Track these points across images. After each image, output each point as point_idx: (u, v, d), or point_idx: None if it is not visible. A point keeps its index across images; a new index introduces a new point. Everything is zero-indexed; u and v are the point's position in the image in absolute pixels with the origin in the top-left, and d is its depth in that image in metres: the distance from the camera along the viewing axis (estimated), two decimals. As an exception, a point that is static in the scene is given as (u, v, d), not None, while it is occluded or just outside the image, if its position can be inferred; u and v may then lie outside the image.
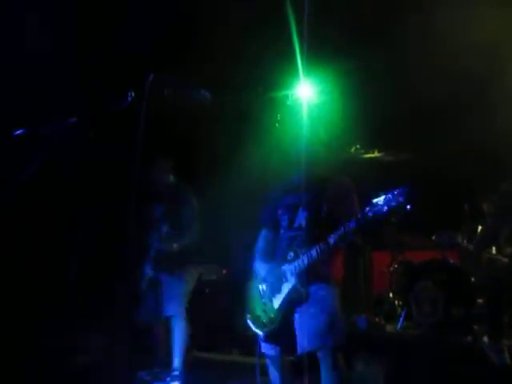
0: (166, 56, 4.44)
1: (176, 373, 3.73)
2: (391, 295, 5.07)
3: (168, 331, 3.84)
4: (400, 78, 4.70)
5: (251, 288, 2.89)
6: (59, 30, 4.14)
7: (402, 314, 4.68)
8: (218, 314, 5.00)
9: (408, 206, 2.33)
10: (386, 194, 2.37)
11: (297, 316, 2.64)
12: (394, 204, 2.33)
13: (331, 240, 2.52)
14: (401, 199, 2.32)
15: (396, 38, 4.35)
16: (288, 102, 4.16)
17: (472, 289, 4.47)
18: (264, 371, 2.87)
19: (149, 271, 3.94)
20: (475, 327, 4.25)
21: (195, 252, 3.96)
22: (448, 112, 4.94)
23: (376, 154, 5.03)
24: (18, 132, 2.22)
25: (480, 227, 4.67)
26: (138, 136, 2.30)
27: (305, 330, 2.57)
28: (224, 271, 5.39)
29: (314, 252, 2.58)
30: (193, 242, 3.89)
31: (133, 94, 2.37)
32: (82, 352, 4.03)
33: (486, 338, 3.37)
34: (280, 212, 2.89)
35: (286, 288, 2.68)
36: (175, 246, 3.85)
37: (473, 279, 4.56)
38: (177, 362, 3.77)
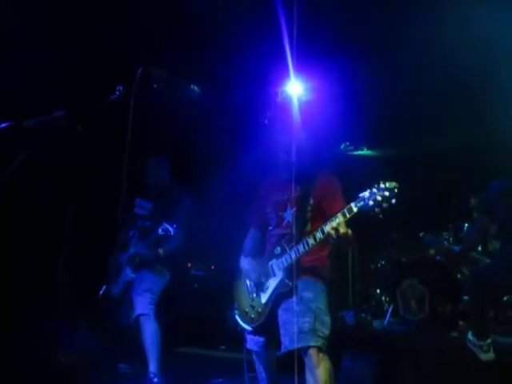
0: (156, 51, 4.41)
1: (155, 380, 3.55)
2: (378, 291, 5.11)
3: (138, 333, 3.64)
4: (390, 75, 4.72)
5: (238, 284, 2.90)
6: (48, 23, 4.09)
7: (389, 311, 4.72)
8: (207, 310, 5.01)
9: (393, 200, 2.34)
10: (371, 189, 2.39)
11: (281, 313, 2.65)
12: (379, 198, 2.35)
13: (318, 235, 2.54)
14: (386, 193, 2.35)
15: (387, 34, 4.36)
16: (278, 99, 4.15)
17: (458, 286, 4.52)
18: (252, 367, 2.89)
19: (129, 274, 3.79)
20: (461, 323, 4.30)
21: (181, 253, 3.91)
22: (437, 109, 4.97)
23: (365, 151, 5.06)
24: (3, 125, 2.19)
25: (466, 225, 4.72)
26: (127, 131, 2.29)
27: (288, 328, 2.58)
28: (212, 267, 5.39)
29: (301, 246, 2.60)
30: (181, 244, 3.80)
31: (121, 89, 2.34)
32: (64, 345, 3.98)
33: (470, 335, 3.41)
34: (268, 210, 2.90)
35: (273, 282, 2.70)
36: (161, 251, 3.73)
37: (459, 276, 4.61)
38: (153, 366, 3.59)
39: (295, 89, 4.12)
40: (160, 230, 3.54)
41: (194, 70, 4.12)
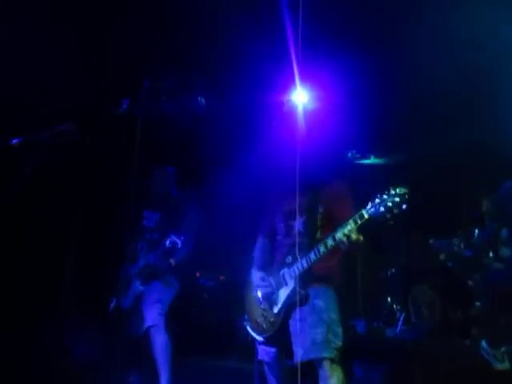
0: (164, 61, 4.44)
1: None
2: (389, 299, 5.07)
3: (149, 344, 3.63)
4: (396, 83, 4.71)
5: (249, 295, 2.89)
6: (54, 35, 4.13)
7: (401, 318, 4.68)
8: (217, 320, 4.99)
9: (404, 206, 2.36)
10: (382, 195, 2.42)
11: (293, 322, 2.64)
12: (390, 204, 2.38)
13: (329, 242, 2.54)
14: (397, 199, 2.37)
15: (391, 40, 4.36)
16: (284, 108, 4.16)
17: (469, 292, 4.47)
18: (262, 378, 2.87)
19: (138, 287, 3.79)
20: (473, 330, 4.25)
21: (190, 264, 3.91)
22: (445, 111, 4.94)
23: (372, 160, 5.05)
24: (15, 141, 2.21)
25: (477, 231, 4.68)
26: (135, 142, 2.30)
27: (301, 339, 2.57)
28: (221, 277, 5.38)
29: (312, 254, 2.59)
30: (190, 256, 3.79)
31: (128, 102, 2.36)
32: (75, 353, 3.98)
33: (484, 343, 3.36)
34: (277, 219, 2.90)
35: (285, 292, 2.69)
36: (172, 261, 3.73)
37: (470, 282, 4.56)
38: (164, 377, 3.56)
39: (301, 97, 4.13)
40: (168, 243, 3.55)
41: (198, 79, 4.14)
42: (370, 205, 2.44)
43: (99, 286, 4.12)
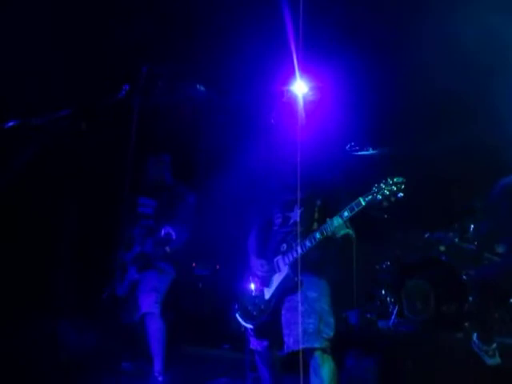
0: (163, 50, 4.41)
1: (160, 378, 3.59)
2: (383, 292, 5.09)
3: (143, 331, 3.67)
4: (394, 75, 4.70)
5: (242, 283, 2.90)
6: (52, 19, 4.10)
7: (394, 311, 4.70)
8: (211, 309, 5.01)
9: (400, 194, 2.44)
10: (379, 184, 2.49)
11: (285, 312, 2.65)
12: (387, 192, 2.45)
13: (327, 228, 2.55)
14: (394, 188, 2.45)
15: (392, 34, 4.34)
16: (283, 99, 4.15)
17: (463, 286, 4.49)
18: (254, 367, 2.89)
19: (134, 274, 3.81)
20: (466, 324, 4.27)
21: (186, 250, 3.92)
22: (442, 108, 4.95)
23: (370, 151, 5.05)
24: (10, 124, 2.19)
25: (472, 226, 4.69)
26: (131, 129, 2.29)
27: (292, 328, 2.59)
28: (217, 266, 5.39)
29: (308, 242, 2.61)
30: (185, 242, 3.80)
31: (127, 88, 2.35)
32: (67, 344, 3.99)
33: (475, 337, 3.38)
34: (274, 209, 2.91)
35: (278, 278, 2.72)
36: (168, 249, 3.75)
37: (464, 277, 4.58)
38: (158, 364, 3.62)
39: (301, 88, 4.11)
40: (162, 233, 3.57)
41: (198, 68, 4.12)
42: (367, 193, 2.50)
43: (94, 273, 4.13)
